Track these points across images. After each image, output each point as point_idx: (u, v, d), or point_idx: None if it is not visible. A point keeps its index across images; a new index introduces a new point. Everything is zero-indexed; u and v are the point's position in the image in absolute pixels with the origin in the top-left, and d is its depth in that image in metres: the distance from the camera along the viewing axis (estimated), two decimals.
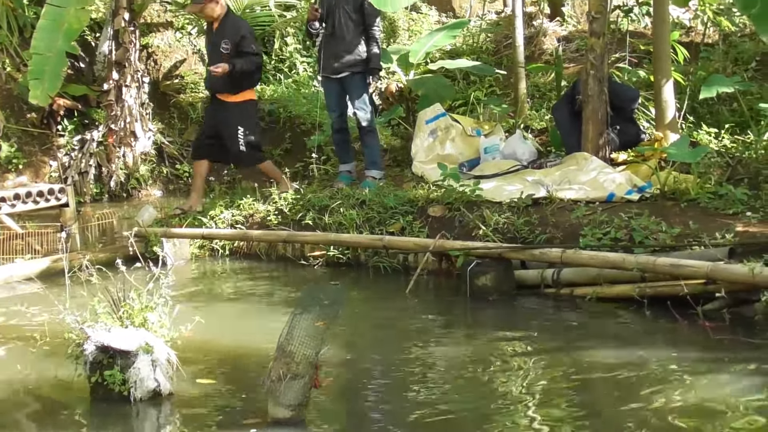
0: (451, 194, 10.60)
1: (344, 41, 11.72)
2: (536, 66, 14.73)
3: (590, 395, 6.72)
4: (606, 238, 9.11)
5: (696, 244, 8.66)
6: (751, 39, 14.25)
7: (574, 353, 7.50)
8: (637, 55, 14.57)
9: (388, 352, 7.77)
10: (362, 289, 9.98)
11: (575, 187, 10.45)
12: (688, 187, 9.92)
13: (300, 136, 14.73)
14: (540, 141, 13.00)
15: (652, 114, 12.13)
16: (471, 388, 6.78)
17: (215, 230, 11.31)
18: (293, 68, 17.16)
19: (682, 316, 7.91)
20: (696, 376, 6.84)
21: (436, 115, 12.76)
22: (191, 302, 9.17)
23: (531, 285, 9.22)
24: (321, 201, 11.18)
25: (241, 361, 7.52)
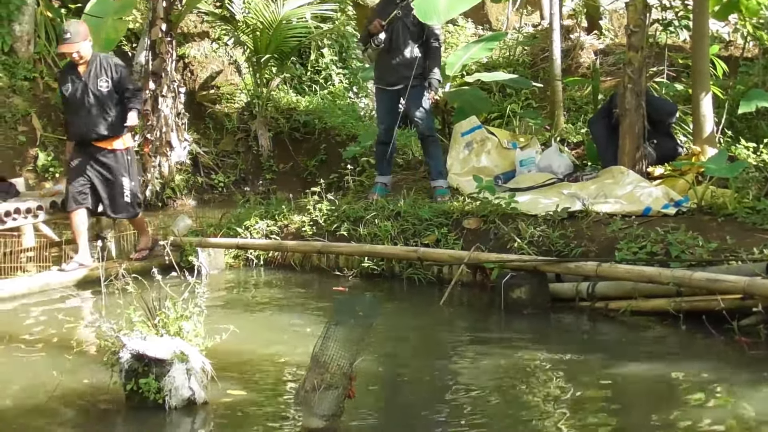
0: (486, 207, 10.63)
1: (402, 53, 11.78)
2: (573, 79, 14.76)
3: (624, 411, 6.71)
4: (642, 252, 9.11)
5: (733, 258, 8.64)
6: None
7: (609, 367, 7.49)
8: (676, 69, 14.57)
9: (422, 364, 7.79)
10: (396, 300, 10.01)
11: (611, 200, 10.46)
12: (726, 202, 9.90)
13: (335, 147, 14.82)
14: (576, 154, 13.01)
15: (690, 128, 12.13)
16: (505, 402, 6.79)
17: (250, 240, 11.37)
18: (329, 80, 17.27)
19: (717, 331, 7.90)
20: (732, 393, 6.82)
21: (472, 128, 12.80)
22: (226, 311, 9.25)
23: (566, 298, 9.23)
24: (356, 212, 11.24)
25: (275, 370, 7.55)
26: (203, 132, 16.11)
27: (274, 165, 15.65)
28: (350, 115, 16.04)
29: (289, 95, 16.71)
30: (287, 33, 15.81)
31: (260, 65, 16.05)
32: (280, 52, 16.01)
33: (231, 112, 16.26)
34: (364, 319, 6.27)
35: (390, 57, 11.81)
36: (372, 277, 10.64)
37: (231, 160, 15.90)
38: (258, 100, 16.04)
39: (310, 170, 14.97)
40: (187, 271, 7.34)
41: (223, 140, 16.10)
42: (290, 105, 16.39)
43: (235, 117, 16.15)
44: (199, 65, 16.89)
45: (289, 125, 15.83)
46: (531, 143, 12.84)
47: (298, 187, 13.80)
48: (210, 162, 15.72)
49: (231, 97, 16.52)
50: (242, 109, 16.44)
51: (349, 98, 17.29)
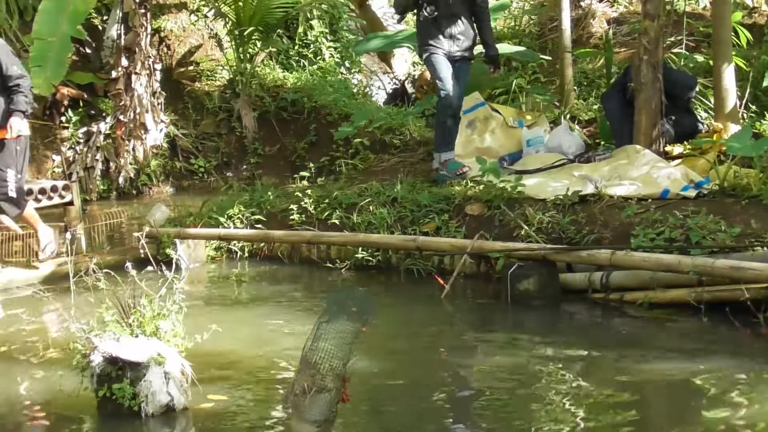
0: (490, 191, 10.63)
1: (461, 20, 11.55)
2: (584, 51, 14.76)
3: (642, 410, 6.71)
4: (660, 239, 9.10)
5: (758, 244, 8.64)
6: None
7: (625, 364, 7.49)
8: (695, 39, 14.57)
9: (422, 365, 7.79)
10: (393, 294, 10.01)
11: (626, 182, 10.45)
12: (750, 183, 9.89)
13: (326, 127, 14.81)
14: (588, 133, 13.01)
15: (711, 103, 12.13)
16: (513, 405, 6.78)
17: (233, 230, 11.37)
18: (318, 54, 17.26)
19: (742, 323, 7.91)
20: (758, 390, 6.83)
21: (475, 105, 12.79)
22: (207, 309, 9.25)
23: (577, 289, 9.23)
24: (348, 198, 11.23)
25: (261, 372, 7.54)
26: (181, 113, 16.11)
27: (259, 148, 15.63)
28: (342, 92, 16.01)
29: (276, 71, 16.69)
30: (272, 3, 15.77)
31: (243, 39, 16.02)
32: (265, 24, 15.97)
33: (212, 91, 16.25)
34: (359, 316, 6.26)
35: (447, 26, 11.52)
36: (367, 269, 10.64)
37: (212, 143, 15.89)
38: (241, 77, 16.02)
39: (298, 153, 14.95)
40: (165, 265, 7.27)
41: (204, 121, 16.09)
42: (276, 82, 16.38)
43: (217, 96, 16.14)
44: (176, 39, 16.88)
45: (275, 104, 15.82)
46: (539, 121, 12.83)
47: (286, 172, 13.80)
48: (189, 145, 15.71)
49: (212, 74, 16.50)
50: (224, 87, 16.43)
51: (341, 74, 17.27)
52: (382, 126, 13.77)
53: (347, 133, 13.34)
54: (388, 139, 13.58)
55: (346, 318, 6.19)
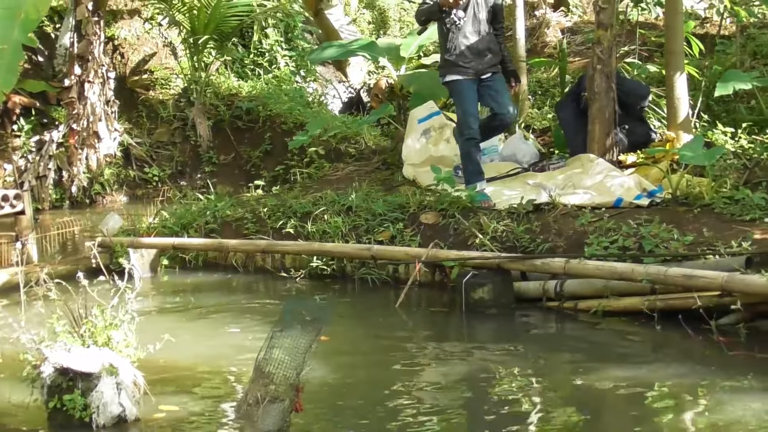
0: (445, 200, 10.63)
1: (487, 34, 10.99)
2: (538, 60, 14.80)
3: (596, 418, 6.73)
4: (613, 247, 9.14)
5: (710, 253, 8.70)
6: None
7: (579, 372, 7.51)
8: (648, 49, 14.64)
9: (376, 373, 7.77)
10: (348, 303, 9.99)
11: (580, 191, 10.49)
12: (702, 192, 9.96)
13: (281, 136, 14.78)
14: (542, 141, 13.05)
15: (664, 112, 12.18)
16: (465, 411, 6.79)
17: (187, 240, 11.31)
18: (274, 63, 17.22)
19: (694, 330, 7.95)
20: (710, 396, 6.86)
21: (430, 114, 12.78)
22: (160, 319, 9.20)
23: (532, 298, 9.25)
24: (303, 207, 11.21)
25: (215, 382, 7.51)
26: (135, 121, 16.03)
27: (213, 156, 15.59)
28: (297, 101, 16.00)
29: (230, 80, 16.66)
30: (227, 12, 15.74)
31: (198, 47, 15.97)
32: (220, 32, 15.94)
33: (166, 99, 16.19)
34: (313, 325, 6.25)
35: (474, 40, 10.94)
36: (322, 278, 10.63)
37: (166, 152, 15.82)
38: (196, 86, 15.97)
39: (253, 162, 14.92)
40: (117, 275, 7.25)
41: (158, 130, 16.02)
42: (231, 91, 16.34)
43: (171, 104, 16.08)
44: (130, 47, 16.80)
45: (230, 113, 15.78)
46: None
47: (241, 181, 13.76)
48: (143, 154, 15.64)
49: (166, 82, 16.44)
50: (178, 96, 16.38)
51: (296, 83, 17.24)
52: (337, 135, 13.77)
53: (302, 142, 13.30)
54: (343, 147, 13.57)
55: (300, 328, 6.17)
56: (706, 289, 8.10)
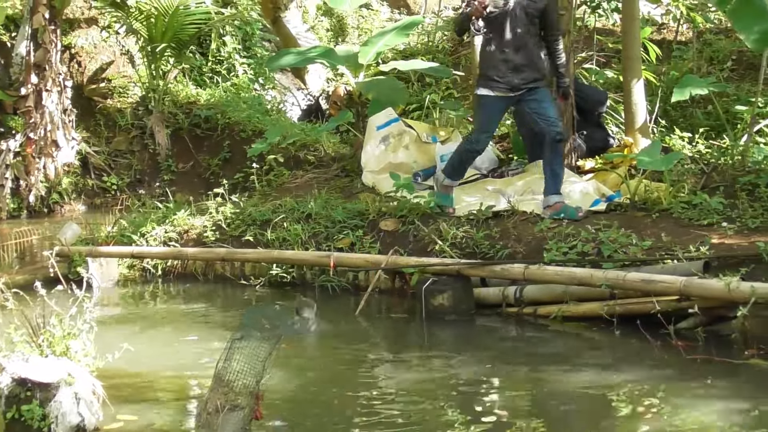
0: (404, 206, 10.65)
1: (527, 49, 10.16)
2: None
3: (555, 423, 6.76)
4: (572, 253, 9.18)
5: (669, 257, 8.75)
6: (726, 36, 14.47)
7: (538, 377, 7.54)
8: (606, 54, 14.73)
9: (337, 381, 7.76)
10: None
11: (539, 197, 10.52)
12: (660, 197, 10.02)
13: (240, 144, 14.74)
14: (501, 148, 13.08)
15: (622, 118, 12.26)
16: (426, 418, 6.78)
17: (146, 248, 11.26)
18: (232, 70, 17.18)
19: (653, 335, 8.00)
20: (668, 400, 6.90)
21: (389, 121, 12.79)
22: (119, 328, 9.15)
23: (492, 304, 9.28)
24: (263, 215, 11.19)
25: (174, 391, 7.49)
26: (93, 130, 15.94)
27: (172, 165, 15.53)
28: (256, 108, 15.96)
29: (189, 88, 16.60)
30: (185, 20, 15.69)
31: (156, 55, 15.91)
32: (178, 40, 15.88)
33: (124, 108, 16.10)
34: (272, 332, 6.24)
35: (510, 54, 10.13)
36: (282, 286, 10.61)
37: (125, 160, 15.75)
38: (154, 94, 15.91)
39: (212, 170, 14.87)
40: (76, 284, 7.19)
41: (116, 138, 15.94)
42: (190, 99, 16.28)
43: (129, 113, 15.99)
44: (87, 56, 16.70)
45: (188, 121, 15.73)
46: (452, 136, 12.86)
47: (200, 189, 13.70)
48: (101, 162, 15.55)
49: (124, 90, 16.35)
50: (137, 104, 16.30)
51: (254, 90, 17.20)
52: (296, 142, 13.76)
53: (261, 150, 13.27)
54: (303, 155, 13.56)
55: (260, 335, 6.16)
56: (664, 294, 8.15)
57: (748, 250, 8.71)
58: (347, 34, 19.23)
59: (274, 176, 13.33)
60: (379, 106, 13.10)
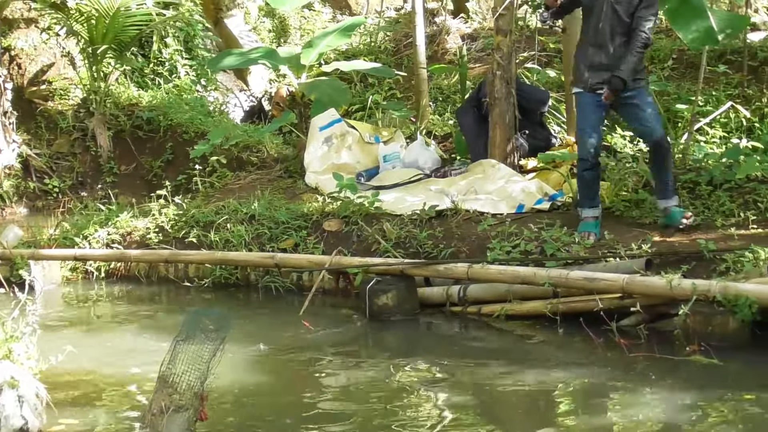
0: (348, 207, 10.66)
1: (608, 52, 9.36)
2: (439, 67, 14.88)
3: (500, 421, 6.80)
4: (515, 252, 9.24)
5: (611, 255, 8.83)
6: (667, 36, 14.58)
7: (482, 376, 7.59)
8: (548, 54, 14.82)
9: (282, 381, 7.78)
10: (252, 311, 9.96)
11: (482, 196, 10.58)
12: (603, 195, 10.09)
13: (182, 145, 14.66)
14: (444, 148, 13.12)
15: (564, 117, 12.33)
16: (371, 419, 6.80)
17: (89, 251, 11.20)
18: (174, 72, 17.08)
19: (596, 333, 8.05)
20: (611, 398, 6.99)
21: (331, 122, 12.80)
22: (62, 330, 9.09)
23: (436, 303, 9.31)
24: (206, 217, 11.16)
25: (118, 393, 7.45)
26: (34, 132, 15.80)
27: (115, 167, 15.43)
28: (198, 110, 15.88)
29: (130, 90, 16.50)
30: (126, 21, 15.58)
31: (97, 57, 15.79)
32: (119, 42, 15.77)
33: (65, 110, 15.97)
34: (216, 334, 6.23)
35: (591, 52, 9.43)
36: (226, 287, 10.59)
37: (67, 163, 15.63)
38: (95, 96, 15.80)
39: (155, 171, 14.79)
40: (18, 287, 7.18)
41: (57, 141, 15.81)
42: (131, 100, 16.18)
43: (71, 115, 15.86)
44: (27, 58, 16.55)
45: (130, 123, 15.63)
46: (395, 137, 12.91)
47: (143, 191, 13.63)
48: (43, 165, 15.43)
49: (65, 92, 16.22)
50: (78, 106, 16.17)
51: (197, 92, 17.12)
52: (239, 143, 13.72)
53: (204, 151, 13.23)
54: (245, 156, 13.52)
55: (203, 336, 6.15)
56: (607, 292, 8.23)
57: (689, 247, 8.81)
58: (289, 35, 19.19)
59: (217, 178, 13.29)
60: (322, 106, 13.09)
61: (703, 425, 6.34)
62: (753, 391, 7.02)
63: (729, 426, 6.36)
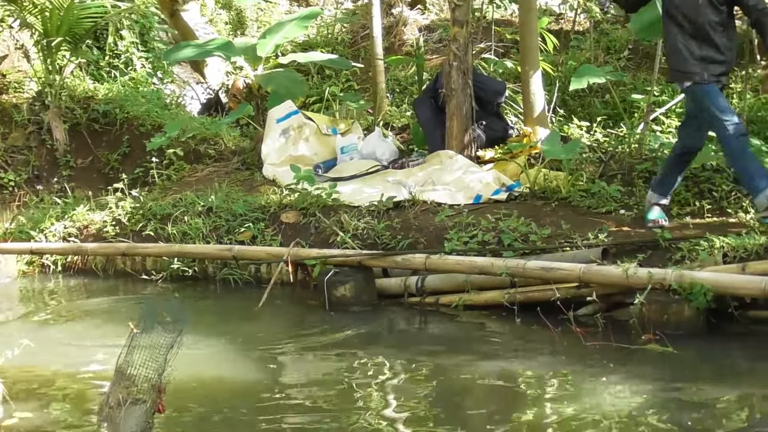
0: (305, 199, 10.68)
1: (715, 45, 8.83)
2: (396, 58, 14.89)
3: (458, 411, 6.83)
4: (473, 242, 9.29)
5: (568, 245, 8.91)
6: (623, 26, 14.66)
7: (441, 366, 7.62)
8: (504, 45, 14.85)
9: (240, 372, 7.78)
10: (210, 304, 9.97)
11: (439, 187, 10.63)
12: (559, 185, 10.17)
13: (139, 138, 14.60)
14: (401, 139, 13.15)
15: (521, 108, 12.38)
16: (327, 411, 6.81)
17: (45, 244, 11.17)
18: (130, 65, 17.01)
19: (553, 322, 8.11)
20: (568, 387, 7.03)
21: (288, 113, 12.80)
22: (18, 324, 9.07)
23: (394, 294, 9.35)
24: (163, 209, 11.15)
25: (76, 387, 7.43)
26: None
27: (71, 160, 15.35)
28: (155, 103, 15.81)
29: (86, 83, 16.40)
30: (80, 13, 15.49)
31: (51, 50, 15.71)
32: (74, 34, 15.69)
33: (20, 103, 15.87)
34: (173, 326, 6.23)
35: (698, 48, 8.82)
36: (183, 280, 10.60)
37: (22, 156, 15.53)
38: (50, 89, 15.71)
39: (111, 165, 14.72)
40: None
41: (12, 134, 15.70)
42: (87, 93, 16.09)
43: (25, 108, 15.75)
44: None
45: (86, 116, 15.54)
46: (352, 128, 12.93)
47: (100, 184, 13.56)
48: None
49: (19, 86, 16.12)
50: (33, 99, 16.06)
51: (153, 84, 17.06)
52: (196, 136, 13.69)
53: (160, 144, 13.18)
54: (203, 149, 13.50)
55: (160, 328, 6.15)
56: (564, 281, 8.30)
57: (645, 236, 8.90)
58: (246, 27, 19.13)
59: (174, 170, 13.26)
60: (279, 98, 13.09)
61: (657, 413, 6.39)
62: (707, 378, 7.10)
63: (683, 413, 6.41)
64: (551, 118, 12.29)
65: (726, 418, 6.43)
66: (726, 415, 6.50)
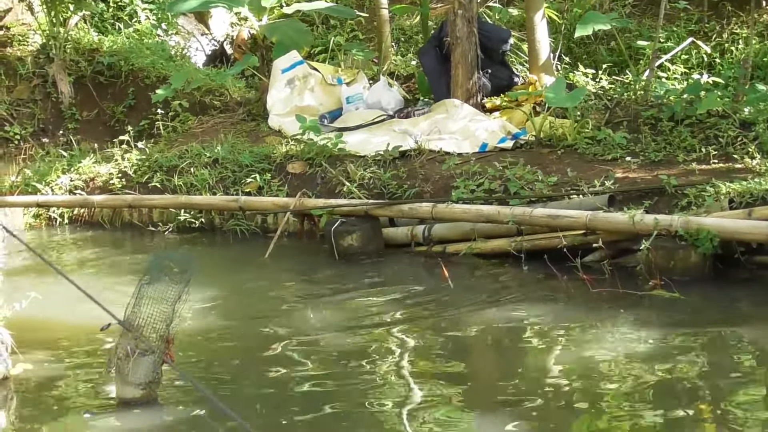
0: (311, 149, 10.65)
1: None
2: (401, 7, 14.79)
3: (467, 358, 6.84)
4: (479, 190, 9.27)
5: (574, 192, 8.88)
6: None
7: (448, 314, 7.63)
8: None
9: (246, 323, 7.79)
10: (217, 255, 9.97)
11: (445, 136, 10.58)
12: (565, 133, 10.12)
13: (144, 90, 14.56)
14: (407, 88, 13.09)
15: (526, 56, 12.31)
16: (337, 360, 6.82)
17: (52, 197, 11.16)
18: (134, 16, 16.94)
19: (560, 270, 8.10)
20: (576, 333, 7.03)
21: (293, 64, 12.74)
22: (26, 277, 9.07)
23: (401, 243, 9.35)
24: (169, 161, 11.13)
25: (85, 339, 7.44)
26: None
27: (76, 113, 15.32)
28: (160, 54, 15.76)
29: (90, 35, 16.35)
30: None
31: (55, 2, 15.66)
32: None
33: (25, 56, 15.82)
34: (180, 276, 6.22)
35: None
36: (190, 231, 10.61)
37: (27, 110, 15.50)
38: (55, 42, 15.66)
39: (117, 117, 14.70)
40: None
41: (17, 87, 15.67)
42: (92, 46, 16.04)
43: (30, 61, 15.71)
44: None
45: (91, 68, 15.50)
46: (358, 78, 12.86)
47: (105, 137, 13.53)
48: (3, 112, 15.29)
49: (23, 38, 16.06)
50: (37, 52, 16.02)
51: (157, 36, 16.99)
52: (202, 87, 13.65)
53: (166, 96, 13.14)
54: (208, 100, 13.46)
55: (168, 279, 6.14)
56: (570, 229, 8.28)
57: (651, 183, 8.87)
58: None
59: (180, 122, 13.22)
60: (284, 49, 13.01)
61: (664, 357, 6.39)
62: (713, 323, 7.11)
63: (690, 357, 6.42)
64: (556, 65, 12.22)
65: (734, 361, 6.43)
66: (733, 358, 6.50)
